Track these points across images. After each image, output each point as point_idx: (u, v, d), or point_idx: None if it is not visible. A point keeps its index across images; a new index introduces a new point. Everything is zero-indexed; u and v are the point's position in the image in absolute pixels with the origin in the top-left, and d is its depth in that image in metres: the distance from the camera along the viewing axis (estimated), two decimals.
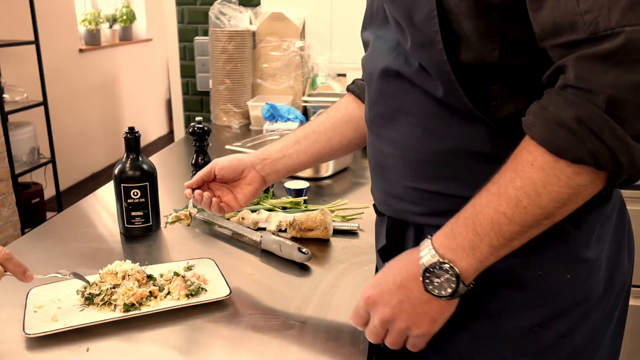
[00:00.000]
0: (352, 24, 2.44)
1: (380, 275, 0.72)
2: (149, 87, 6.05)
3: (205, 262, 1.01)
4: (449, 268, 0.65)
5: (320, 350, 0.79)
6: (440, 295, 0.66)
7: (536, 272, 0.73)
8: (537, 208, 0.62)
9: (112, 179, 1.19)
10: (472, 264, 0.65)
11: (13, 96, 3.35)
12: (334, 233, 1.19)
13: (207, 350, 0.80)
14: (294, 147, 1.04)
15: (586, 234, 0.74)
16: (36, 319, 0.84)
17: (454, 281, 0.65)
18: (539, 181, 0.61)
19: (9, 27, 3.67)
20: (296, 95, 2.29)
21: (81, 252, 1.11)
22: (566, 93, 0.58)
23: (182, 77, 2.58)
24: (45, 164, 3.53)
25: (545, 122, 0.60)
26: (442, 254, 0.66)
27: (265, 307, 0.91)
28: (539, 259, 0.73)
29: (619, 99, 0.56)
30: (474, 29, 0.64)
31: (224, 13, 2.24)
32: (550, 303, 0.74)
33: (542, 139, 0.60)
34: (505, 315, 0.75)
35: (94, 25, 4.85)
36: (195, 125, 1.43)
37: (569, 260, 0.74)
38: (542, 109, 0.60)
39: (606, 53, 0.55)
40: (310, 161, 1.05)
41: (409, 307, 0.69)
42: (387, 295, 0.70)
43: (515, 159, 0.63)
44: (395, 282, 0.69)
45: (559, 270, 0.73)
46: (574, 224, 0.73)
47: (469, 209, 0.66)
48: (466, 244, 0.65)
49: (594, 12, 0.55)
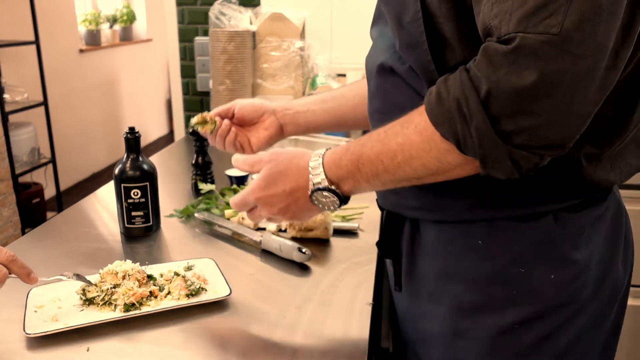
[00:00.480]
0: (352, 24, 2.44)
1: (272, 178, 0.78)
2: (149, 87, 6.05)
3: (205, 262, 1.01)
4: (334, 191, 0.75)
5: (321, 351, 0.79)
6: (323, 208, 0.77)
7: (519, 269, 0.74)
8: (408, 167, 0.68)
9: (113, 179, 1.19)
10: (353, 189, 0.75)
11: (13, 96, 3.35)
12: (334, 233, 1.19)
13: (207, 350, 0.80)
14: (319, 105, 1.04)
15: (574, 235, 0.74)
16: (36, 318, 0.84)
17: (337, 201, 0.76)
18: (415, 145, 0.66)
19: (10, 27, 3.67)
20: (296, 95, 2.29)
21: (81, 252, 1.11)
22: (464, 74, 0.62)
23: (182, 77, 2.58)
24: (46, 164, 3.54)
25: (437, 92, 0.64)
26: (330, 179, 0.74)
27: (265, 307, 0.91)
28: (522, 257, 0.74)
29: (497, 95, 0.59)
30: (455, 31, 0.67)
31: (224, 13, 2.24)
32: (532, 302, 0.74)
33: (427, 107, 0.65)
34: (485, 310, 0.76)
35: (94, 25, 4.85)
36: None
37: (554, 261, 0.74)
38: (445, 80, 0.64)
39: (501, 52, 0.58)
40: (332, 123, 1.05)
41: (294, 210, 0.79)
42: (276, 199, 0.79)
43: (409, 115, 0.68)
44: (285, 190, 0.78)
45: (542, 270, 0.74)
46: (560, 223, 0.74)
47: (358, 146, 0.72)
48: (350, 175, 0.73)
49: (499, 16, 0.59)
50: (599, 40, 0.57)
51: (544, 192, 0.74)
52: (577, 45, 0.56)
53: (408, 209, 0.83)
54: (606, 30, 0.57)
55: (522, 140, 0.61)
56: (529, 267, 0.74)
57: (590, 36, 0.56)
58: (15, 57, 3.67)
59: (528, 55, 0.57)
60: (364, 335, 0.83)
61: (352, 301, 0.93)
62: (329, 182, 0.75)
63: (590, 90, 0.59)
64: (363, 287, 0.97)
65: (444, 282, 0.79)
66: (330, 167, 0.75)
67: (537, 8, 0.57)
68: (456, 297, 0.78)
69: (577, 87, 0.58)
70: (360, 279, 1.00)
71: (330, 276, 1.01)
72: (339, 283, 0.99)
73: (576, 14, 0.56)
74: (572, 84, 0.58)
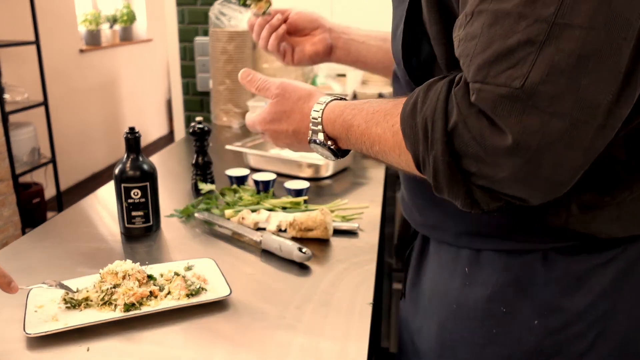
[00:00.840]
0: (352, 24, 2.44)
1: (278, 115, 0.80)
2: (150, 88, 6.05)
3: (205, 262, 1.01)
4: (330, 147, 0.76)
5: (321, 351, 0.79)
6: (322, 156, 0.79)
7: (500, 307, 0.69)
8: (384, 159, 0.68)
9: (113, 179, 1.19)
10: (348, 149, 0.76)
11: (14, 96, 3.35)
12: (334, 233, 1.19)
13: (207, 350, 0.80)
14: (377, 42, 1.00)
15: (565, 280, 0.67)
16: (37, 318, 0.84)
17: (332, 155, 0.77)
18: (389, 144, 0.65)
19: (10, 27, 3.67)
20: None
21: (82, 252, 1.11)
22: (444, 91, 0.57)
23: (183, 77, 2.58)
24: (46, 164, 3.53)
25: (414, 102, 0.60)
26: (327, 134, 0.75)
27: (265, 307, 0.91)
28: (505, 294, 0.69)
29: (462, 133, 0.54)
30: (444, 56, 0.64)
31: (224, 13, 2.24)
32: (512, 346, 0.69)
33: (402, 114, 0.62)
34: (464, 342, 0.73)
35: (94, 25, 4.85)
36: (196, 126, 1.43)
37: (539, 305, 0.67)
38: (427, 89, 0.60)
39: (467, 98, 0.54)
40: (383, 65, 1.00)
41: (298, 147, 0.82)
42: (281, 135, 0.82)
43: (395, 106, 0.65)
44: (288, 130, 0.80)
45: (526, 313, 0.68)
46: (549, 265, 0.67)
47: (350, 115, 0.71)
48: (343, 138, 0.73)
49: (463, 58, 0.55)
50: (581, 95, 0.48)
51: (531, 227, 0.67)
52: (548, 102, 0.49)
53: (415, 223, 0.82)
54: (592, 83, 0.48)
55: (483, 183, 0.55)
56: (511, 306, 0.68)
57: (568, 91, 0.48)
58: (15, 57, 3.67)
59: (488, 110, 0.51)
60: (364, 335, 0.83)
61: (352, 301, 0.93)
62: (325, 138, 0.75)
63: (568, 155, 0.51)
64: (363, 287, 0.97)
65: (435, 303, 0.78)
66: (327, 124, 0.74)
67: (500, 55, 0.50)
68: (441, 322, 0.76)
69: (548, 151, 0.50)
70: (360, 279, 1.00)
71: (330, 276, 1.01)
72: (339, 283, 0.99)
73: (545, 65, 0.48)
74: (542, 147, 0.50)
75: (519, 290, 0.68)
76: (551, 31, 0.48)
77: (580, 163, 0.52)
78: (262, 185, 1.39)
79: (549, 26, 0.48)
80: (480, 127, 0.52)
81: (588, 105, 0.49)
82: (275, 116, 0.81)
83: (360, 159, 1.80)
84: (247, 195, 1.34)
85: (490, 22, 0.51)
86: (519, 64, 0.49)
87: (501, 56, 0.50)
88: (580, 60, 0.48)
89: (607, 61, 0.48)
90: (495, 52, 0.50)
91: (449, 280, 0.75)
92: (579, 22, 0.48)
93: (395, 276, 1.98)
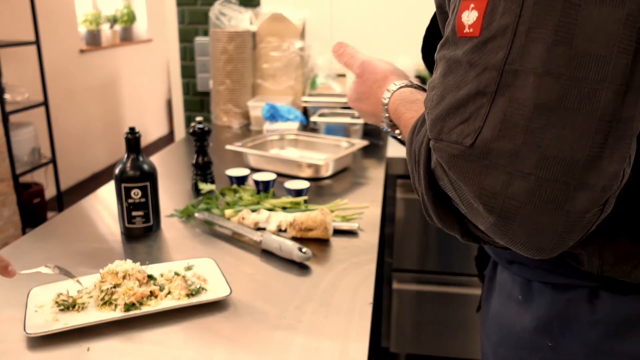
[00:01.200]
0: (352, 24, 2.45)
1: (359, 95, 0.83)
2: (150, 88, 6.05)
3: (205, 262, 1.01)
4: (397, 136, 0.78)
5: (321, 351, 0.79)
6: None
7: (546, 340, 0.66)
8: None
9: (113, 179, 1.19)
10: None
11: (14, 96, 3.35)
12: (334, 233, 1.19)
13: (208, 350, 0.80)
14: None
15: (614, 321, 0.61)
16: (37, 318, 0.84)
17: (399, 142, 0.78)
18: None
19: (10, 28, 3.67)
20: (296, 95, 2.29)
21: (82, 252, 1.11)
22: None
23: (183, 77, 2.58)
24: (46, 164, 3.53)
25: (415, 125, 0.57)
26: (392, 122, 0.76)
27: (265, 307, 0.91)
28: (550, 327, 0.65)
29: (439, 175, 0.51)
30: None
31: (224, 13, 2.24)
32: None
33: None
34: None
35: (94, 25, 4.85)
36: (196, 126, 1.43)
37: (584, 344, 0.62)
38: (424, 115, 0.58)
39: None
40: None
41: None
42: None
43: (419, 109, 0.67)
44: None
45: (572, 350, 0.64)
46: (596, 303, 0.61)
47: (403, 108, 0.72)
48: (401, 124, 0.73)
49: (425, 104, 0.52)
50: (546, 152, 0.42)
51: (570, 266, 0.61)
52: (506, 160, 0.43)
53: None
54: (561, 136, 0.41)
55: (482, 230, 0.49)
56: (557, 341, 0.64)
57: (527, 147, 0.42)
58: (15, 57, 3.67)
59: (447, 170, 0.47)
60: (364, 335, 0.83)
61: (352, 301, 0.93)
62: (390, 127, 0.77)
63: (543, 220, 0.44)
64: (363, 287, 0.97)
65: (492, 323, 0.76)
66: (392, 113, 0.75)
67: (452, 109, 0.46)
68: (495, 345, 0.75)
69: (517, 214, 0.44)
70: (360, 279, 1.00)
71: (330, 276, 1.01)
72: (339, 283, 0.99)
73: (498, 118, 0.42)
74: (508, 210, 0.44)
75: (564, 326, 0.64)
76: (502, 80, 0.43)
77: (562, 229, 0.45)
78: (262, 185, 1.39)
79: (498, 74, 0.43)
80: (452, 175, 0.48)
81: (558, 162, 0.42)
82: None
83: (360, 159, 1.80)
84: (247, 195, 1.34)
85: (445, 71, 0.48)
86: (470, 118, 0.44)
87: (453, 110, 0.46)
88: (538, 111, 0.42)
89: (580, 110, 0.41)
90: (447, 106, 0.46)
91: (506, 304, 0.73)
92: (532, 67, 0.42)
93: (396, 276, 1.99)
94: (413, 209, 1.88)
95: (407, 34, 2.33)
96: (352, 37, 2.41)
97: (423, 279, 1.98)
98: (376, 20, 2.35)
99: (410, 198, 1.87)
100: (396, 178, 1.87)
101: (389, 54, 2.36)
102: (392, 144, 1.97)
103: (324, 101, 2.14)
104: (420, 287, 1.98)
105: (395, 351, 2.09)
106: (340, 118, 1.98)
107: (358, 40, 2.64)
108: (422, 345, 2.06)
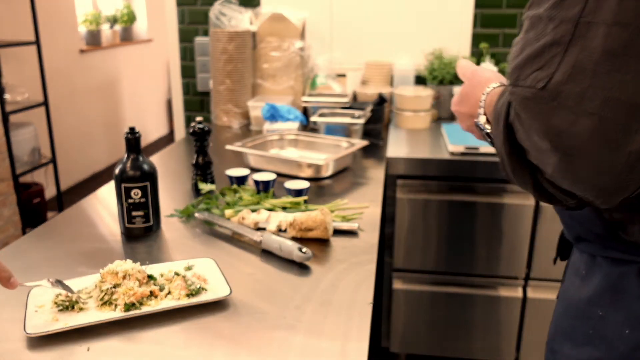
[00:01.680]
0: (352, 24, 2.45)
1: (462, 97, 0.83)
2: (150, 88, 6.05)
3: (205, 262, 1.01)
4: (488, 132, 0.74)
5: (321, 350, 0.79)
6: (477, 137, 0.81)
7: (598, 310, 0.71)
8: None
9: (113, 179, 1.19)
10: None
11: (14, 96, 3.34)
12: (334, 233, 1.19)
13: (208, 350, 0.80)
14: None
15: None
16: (37, 318, 0.84)
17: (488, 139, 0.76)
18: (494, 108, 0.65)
19: (10, 28, 3.67)
20: (296, 95, 2.29)
21: (82, 252, 1.11)
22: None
23: (183, 77, 2.58)
24: (46, 164, 3.53)
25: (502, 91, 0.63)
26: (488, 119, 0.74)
27: (265, 307, 0.91)
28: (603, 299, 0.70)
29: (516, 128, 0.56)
30: None
31: (224, 13, 2.24)
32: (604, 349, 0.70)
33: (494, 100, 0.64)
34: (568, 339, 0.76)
35: (94, 25, 4.85)
36: (196, 126, 1.43)
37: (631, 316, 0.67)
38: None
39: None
40: None
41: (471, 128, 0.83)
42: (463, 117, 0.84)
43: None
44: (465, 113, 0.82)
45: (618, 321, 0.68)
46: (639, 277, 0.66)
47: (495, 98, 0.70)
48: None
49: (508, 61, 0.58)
50: (609, 94, 0.46)
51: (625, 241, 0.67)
52: (574, 101, 0.48)
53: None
54: (624, 80, 0.46)
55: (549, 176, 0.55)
56: (607, 312, 0.69)
57: (593, 89, 0.47)
58: (15, 57, 3.67)
59: (520, 112, 0.53)
60: (364, 335, 0.83)
61: (352, 301, 0.93)
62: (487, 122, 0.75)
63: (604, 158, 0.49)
64: (363, 287, 0.97)
65: (560, 300, 0.81)
66: (487, 107, 0.74)
67: (529, 58, 0.52)
68: (557, 315, 0.80)
69: (581, 152, 0.49)
70: (360, 279, 1.00)
71: (330, 276, 1.01)
72: (339, 283, 0.99)
73: (570, 64, 0.48)
74: (573, 147, 0.49)
75: (614, 297, 0.69)
76: (576, 31, 0.49)
77: (622, 169, 0.49)
78: (262, 185, 1.39)
79: (573, 26, 0.49)
80: (528, 122, 0.54)
81: (620, 104, 0.46)
82: (460, 98, 0.84)
83: (360, 159, 1.80)
84: (247, 195, 1.34)
85: (527, 27, 0.54)
86: (545, 65, 0.50)
87: (530, 59, 0.52)
88: (605, 57, 0.46)
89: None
90: (526, 56, 0.52)
91: (572, 280, 0.78)
92: (603, 19, 0.47)
93: (396, 276, 1.99)
94: (413, 209, 1.88)
95: (407, 34, 2.33)
96: (352, 37, 2.41)
97: (423, 279, 1.98)
98: (376, 20, 2.35)
99: (410, 198, 1.87)
100: (396, 178, 1.87)
101: (389, 54, 2.37)
102: (392, 144, 1.97)
103: (324, 101, 2.14)
104: (420, 287, 1.98)
105: (395, 351, 2.09)
106: (340, 118, 1.98)
107: (358, 41, 2.62)
108: (422, 345, 2.06)
